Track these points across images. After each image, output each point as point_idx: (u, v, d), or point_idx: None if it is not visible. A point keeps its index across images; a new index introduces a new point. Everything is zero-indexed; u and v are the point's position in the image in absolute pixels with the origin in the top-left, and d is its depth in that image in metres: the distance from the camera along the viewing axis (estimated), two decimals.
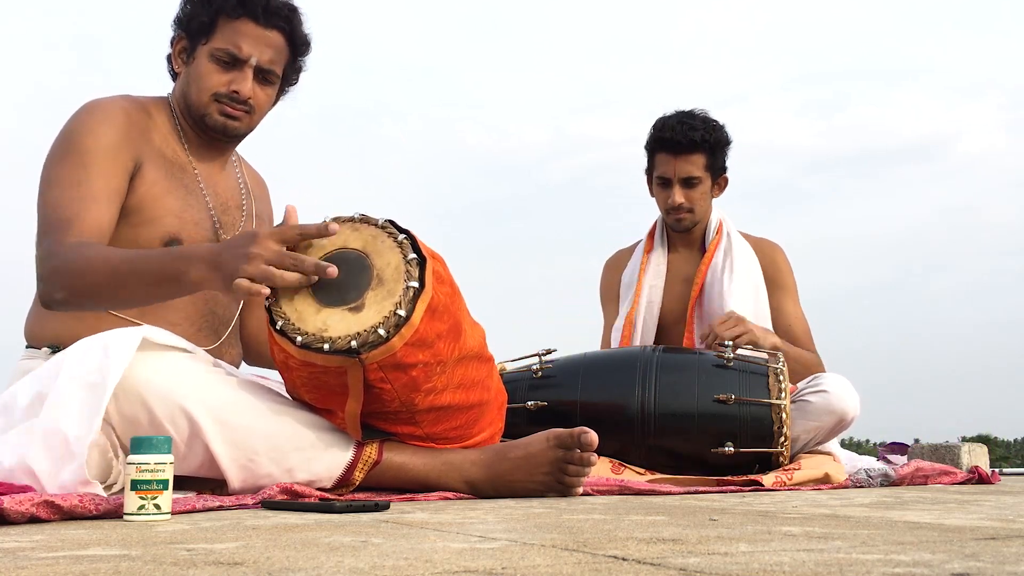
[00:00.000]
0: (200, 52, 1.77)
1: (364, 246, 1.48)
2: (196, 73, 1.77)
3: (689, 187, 2.58)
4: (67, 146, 1.66)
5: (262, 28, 1.77)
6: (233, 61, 1.76)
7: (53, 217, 1.60)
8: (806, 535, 0.90)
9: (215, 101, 1.77)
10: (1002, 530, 0.96)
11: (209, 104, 1.77)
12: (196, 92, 1.77)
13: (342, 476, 1.49)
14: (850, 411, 2.29)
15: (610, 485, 1.75)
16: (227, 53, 1.75)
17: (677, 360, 2.19)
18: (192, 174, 1.80)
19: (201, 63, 1.77)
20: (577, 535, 0.90)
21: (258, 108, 1.81)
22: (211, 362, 1.56)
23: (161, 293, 1.56)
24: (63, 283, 1.54)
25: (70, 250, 1.54)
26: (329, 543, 0.84)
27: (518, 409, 2.14)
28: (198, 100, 1.77)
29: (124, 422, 1.39)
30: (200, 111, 1.78)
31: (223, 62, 1.75)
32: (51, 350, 1.66)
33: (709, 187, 2.62)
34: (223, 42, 1.75)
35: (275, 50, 1.79)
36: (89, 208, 1.60)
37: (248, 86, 1.77)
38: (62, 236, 1.57)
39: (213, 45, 1.76)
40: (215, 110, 1.77)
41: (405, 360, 1.43)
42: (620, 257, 2.82)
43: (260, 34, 1.77)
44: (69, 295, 1.55)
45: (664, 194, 2.60)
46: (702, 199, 2.61)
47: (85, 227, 1.58)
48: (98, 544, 0.85)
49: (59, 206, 1.61)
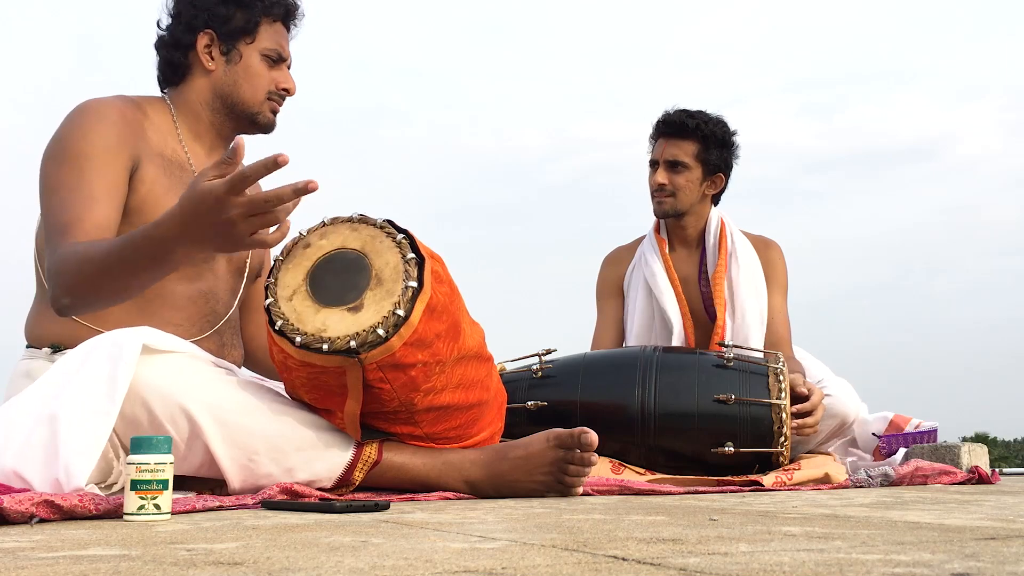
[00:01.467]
0: (248, 51, 1.82)
1: (363, 246, 1.48)
2: (249, 72, 1.83)
3: (673, 171, 2.59)
4: (63, 150, 1.65)
5: (286, 30, 1.90)
6: (278, 59, 1.86)
7: (54, 223, 1.59)
8: (806, 535, 0.90)
9: (267, 99, 1.85)
10: (1002, 530, 0.96)
11: (264, 102, 1.85)
12: (251, 90, 1.83)
13: (342, 476, 1.49)
14: (851, 414, 2.30)
15: (610, 485, 1.75)
16: (276, 53, 1.85)
17: (677, 360, 2.19)
18: (190, 172, 1.80)
19: (252, 62, 1.83)
20: (577, 535, 0.90)
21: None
22: (211, 362, 1.56)
23: (155, 276, 1.54)
24: (64, 287, 1.53)
25: (64, 254, 1.53)
26: (329, 543, 0.84)
27: (518, 409, 2.14)
28: (253, 98, 1.84)
29: (124, 422, 1.39)
30: (254, 108, 1.84)
31: (271, 60, 1.85)
32: (52, 350, 1.66)
33: (698, 178, 2.60)
34: (271, 43, 1.84)
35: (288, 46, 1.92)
36: (89, 209, 1.59)
37: (294, 83, 1.89)
38: (63, 241, 1.56)
39: (263, 45, 1.83)
40: (267, 108, 1.86)
41: (404, 360, 1.43)
42: (620, 254, 2.81)
43: (286, 35, 1.90)
44: (72, 299, 1.54)
45: (652, 176, 2.63)
46: (688, 186, 2.59)
47: (86, 229, 1.57)
48: (98, 544, 0.85)
49: (58, 211, 1.60)
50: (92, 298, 1.55)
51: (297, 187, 1.32)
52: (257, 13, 1.82)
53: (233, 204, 1.33)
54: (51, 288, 1.56)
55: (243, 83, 1.82)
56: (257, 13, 1.82)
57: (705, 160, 2.60)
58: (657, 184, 2.60)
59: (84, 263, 1.50)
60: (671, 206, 2.61)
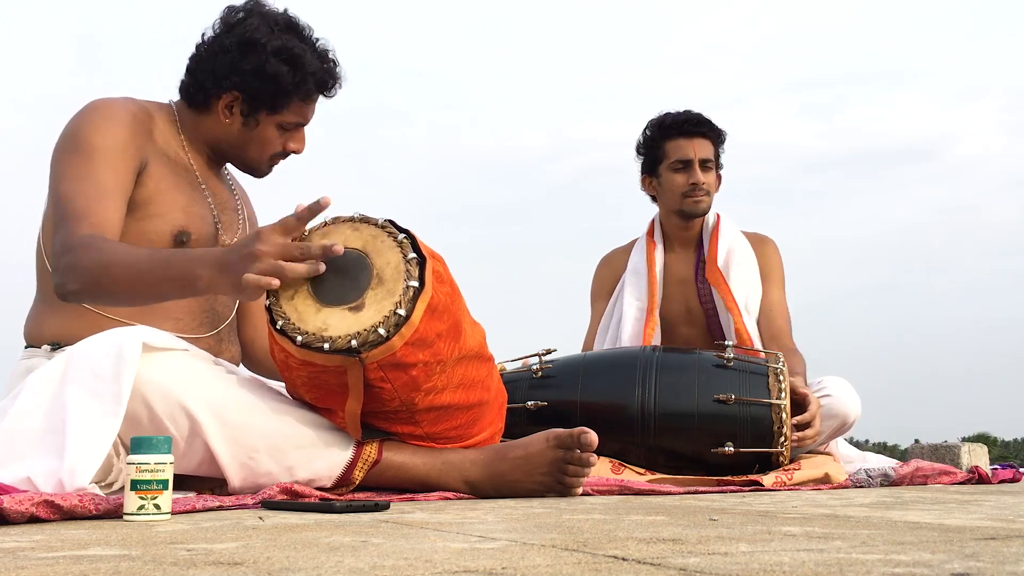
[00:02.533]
0: (267, 120, 1.81)
1: (364, 246, 1.48)
2: (260, 138, 1.82)
3: (706, 170, 2.62)
4: (75, 143, 1.67)
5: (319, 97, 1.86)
6: (296, 127, 1.85)
7: (66, 209, 1.60)
8: (806, 535, 0.90)
9: (269, 158, 1.86)
10: (1002, 530, 0.96)
11: (265, 163, 1.87)
12: (258, 154, 1.84)
13: (342, 475, 1.49)
14: (852, 414, 2.30)
15: (610, 485, 1.75)
16: (295, 125, 1.84)
17: (677, 360, 2.19)
18: (193, 175, 1.81)
19: (267, 131, 1.82)
20: (577, 535, 0.90)
21: None
22: (211, 360, 1.56)
23: (173, 294, 1.58)
24: (78, 276, 1.53)
25: (85, 243, 1.54)
26: (329, 543, 0.84)
27: (518, 409, 2.14)
28: (258, 159, 1.85)
29: (125, 420, 1.39)
30: (255, 166, 1.87)
31: (287, 129, 1.84)
32: (51, 348, 1.66)
33: (717, 176, 2.68)
34: (294, 117, 1.83)
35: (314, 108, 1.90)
36: (100, 202, 1.61)
37: (304, 145, 1.89)
38: (76, 227, 1.57)
39: (283, 119, 1.82)
40: (268, 165, 1.88)
41: (405, 359, 1.43)
42: (615, 255, 2.81)
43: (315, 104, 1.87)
44: (83, 288, 1.55)
45: (683, 176, 2.61)
46: (715, 184, 2.66)
47: (97, 220, 1.59)
48: (98, 544, 0.85)
49: (71, 199, 1.61)
50: (105, 295, 1.58)
51: (325, 246, 1.42)
52: (290, 96, 1.79)
53: (272, 241, 1.41)
54: (60, 274, 1.56)
55: (252, 146, 1.83)
56: (290, 96, 1.79)
57: (718, 159, 2.67)
58: (701, 181, 2.59)
59: (108, 263, 1.51)
60: (707, 205, 2.63)
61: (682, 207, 2.62)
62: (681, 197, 2.61)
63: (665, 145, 2.64)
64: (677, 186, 2.61)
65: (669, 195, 2.64)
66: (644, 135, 2.71)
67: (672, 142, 2.63)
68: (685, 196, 2.61)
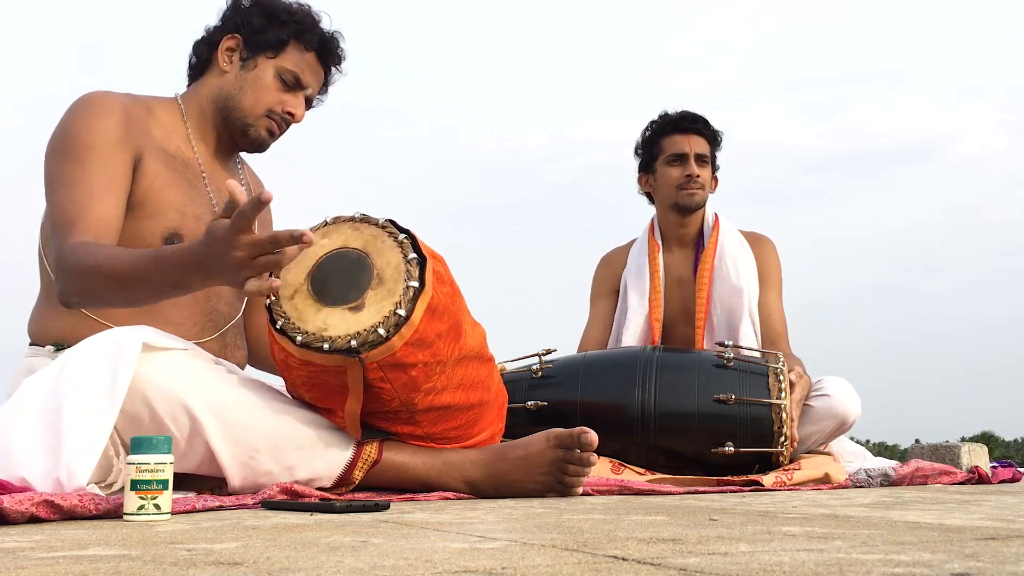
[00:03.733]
0: (264, 64, 1.82)
1: (364, 246, 1.48)
2: (258, 83, 1.82)
3: (701, 165, 2.64)
4: (64, 144, 1.66)
5: (319, 64, 1.87)
6: (295, 84, 1.84)
7: (59, 218, 1.61)
8: (806, 535, 0.90)
9: (266, 116, 1.83)
10: (1002, 530, 0.96)
11: (260, 118, 1.83)
12: (253, 102, 1.82)
13: (342, 475, 1.49)
14: (851, 414, 2.30)
15: (610, 485, 1.75)
16: (294, 77, 1.83)
17: (677, 360, 2.19)
18: (197, 170, 1.80)
19: (265, 75, 1.82)
20: (577, 535, 0.90)
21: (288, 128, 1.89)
22: (212, 360, 1.57)
23: (169, 296, 1.59)
24: (74, 286, 1.55)
25: (74, 253, 1.54)
26: (329, 543, 0.84)
27: (518, 409, 2.14)
28: (252, 110, 1.82)
29: (125, 419, 1.39)
30: (248, 120, 1.83)
31: (285, 82, 1.83)
32: (55, 348, 1.66)
33: (711, 174, 2.69)
34: (292, 65, 1.83)
35: (319, 83, 1.90)
36: (91, 205, 1.60)
37: (303, 112, 1.87)
38: (68, 236, 1.57)
39: (282, 64, 1.82)
40: (263, 125, 1.84)
41: (405, 360, 1.43)
42: (615, 255, 2.82)
43: (317, 68, 1.88)
44: (82, 298, 1.58)
45: (678, 169, 2.63)
46: (709, 181, 2.67)
47: (89, 225, 1.58)
48: (98, 544, 0.85)
49: (62, 206, 1.61)
50: (103, 302, 1.60)
51: (294, 234, 1.36)
52: (288, 32, 1.81)
53: (239, 243, 1.36)
54: (60, 283, 1.57)
55: (248, 91, 1.82)
56: (288, 32, 1.81)
57: (714, 158, 2.69)
58: (691, 175, 2.61)
59: (102, 272, 1.51)
60: (701, 199, 2.64)
61: (676, 199, 2.63)
62: (676, 190, 2.63)
63: (661, 141, 2.68)
64: (672, 179, 2.64)
65: (664, 189, 2.66)
66: (642, 136, 2.75)
67: (668, 138, 2.67)
68: (680, 188, 2.62)
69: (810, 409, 2.23)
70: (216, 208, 1.80)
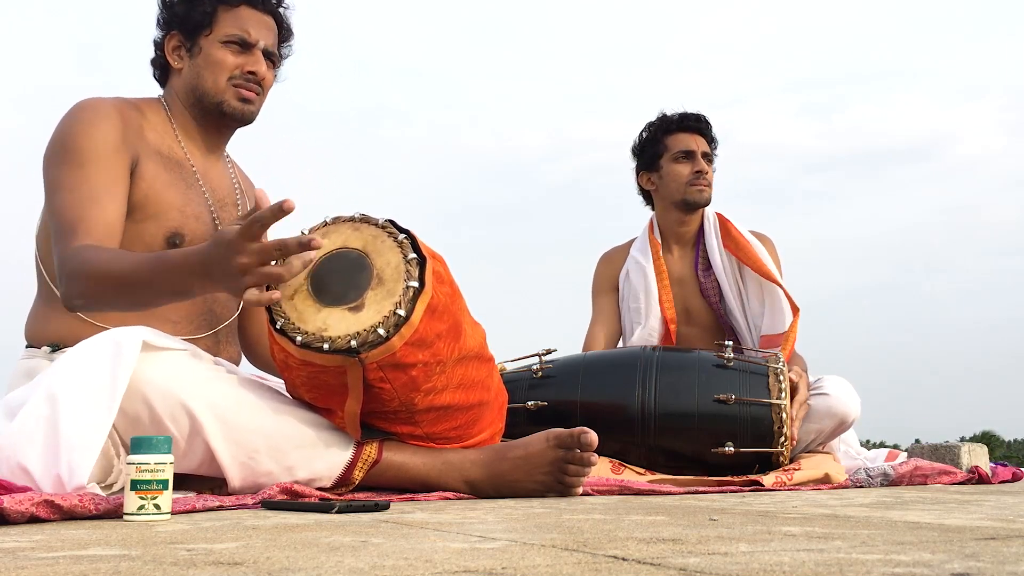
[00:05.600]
0: (207, 43, 1.81)
1: (364, 246, 1.48)
2: (209, 61, 1.80)
3: (708, 162, 2.67)
4: (63, 149, 1.67)
5: (260, 13, 1.84)
6: (243, 45, 1.81)
7: (61, 222, 1.61)
8: (806, 535, 0.90)
9: (232, 85, 1.81)
10: (1002, 530, 0.96)
11: (227, 89, 1.81)
12: (212, 78, 1.80)
13: (342, 475, 1.49)
14: (851, 414, 2.30)
15: (610, 485, 1.75)
16: (238, 38, 1.81)
17: (677, 360, 2.19)
18: (190, 170, 1.81)
19: (212, 52, 1.80)
20: (577, 535, 0.90)
21: (266, 89, 1.86)
22: (212, 360, 1.57)
23: (172, 301, 1.62)
24: (77, 290, 1.56)
25: (78, 256, 1.55)
26: (329, 543, 0.84)
27: (518, 409, 2.14)
28: (215, 86, 1.80)
29: (125, 419, 1.39)
30: (217, 97, 1.81)
31: (236, 47, 1.81)
32: (51, 349, 1.66)
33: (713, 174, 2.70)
34: (231, 28, 1.81)
35: (273, 33, 1.87)
36: (92, 208, 1.61)
37: (263, 67, 1.83)
38: (70, 240, 1.58)
39: (222, 32, 1.80)
40: (232, 95, 1.81)
41: (405, 360, 1.43)
42: (615, 253, 2.82)
43: (260, 19, 1.84)
44: (86, 301, 1.59)
45: (687, 166, 2.64)
46: (713, 179, 2.68)
47: (91, 228, 1.59)
48: (98, 544, 0.85)
49: (64, 210, 1.62)
50: (106, 305, 1.61)
51: (302, 240, 1.37)
52: (211, 3, 1.80)
53: (246, 249, 1.36)
54: (64, 287, 1.58)
55: (204, 73, 1.81)
56: (211, 3, 1.80)
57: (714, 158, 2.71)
58: (701, 171, 2.62)
59: (105, 275, 1.52)
60: (710, 194, 2.65)
61: (686, 196, 2.63)
62: (686, 186, 2.63)
63: (666, 140, 2.68)
64: (681, 176, 2.64)
65: (672, 186, 2.65)
66: (641, 136, 2.75)
67: (673, 136, 2.67)
68: (690, 184, 2.63)
69: (809, 408, 2.24)
70: (212, 208, 1.80)
